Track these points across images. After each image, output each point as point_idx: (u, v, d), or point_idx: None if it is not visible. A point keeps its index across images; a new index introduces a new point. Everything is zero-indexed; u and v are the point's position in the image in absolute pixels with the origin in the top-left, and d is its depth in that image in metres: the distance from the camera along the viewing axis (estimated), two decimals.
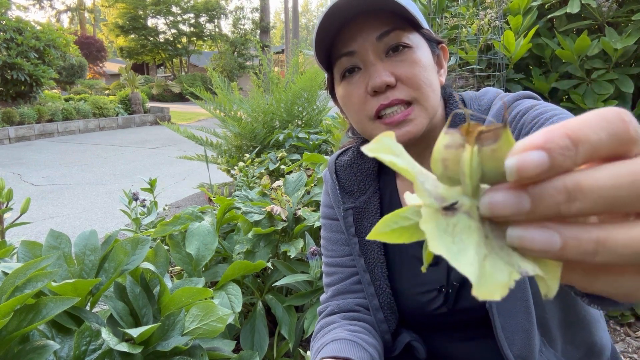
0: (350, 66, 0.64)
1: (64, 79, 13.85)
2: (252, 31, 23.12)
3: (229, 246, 1.46)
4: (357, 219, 0.74)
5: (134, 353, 0.70)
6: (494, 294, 0.18)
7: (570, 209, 0.18)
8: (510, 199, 0.19)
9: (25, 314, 0.68)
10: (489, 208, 0.19)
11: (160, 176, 2.37)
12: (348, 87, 0.65)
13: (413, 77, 0.61)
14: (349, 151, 0.81)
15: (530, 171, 0.18)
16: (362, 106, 0.64)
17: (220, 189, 2.93)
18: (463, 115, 0.67)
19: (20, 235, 2.99)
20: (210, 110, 3.40)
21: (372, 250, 0.73)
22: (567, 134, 0.18)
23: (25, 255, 0.88)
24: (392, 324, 0.72)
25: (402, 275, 0.73)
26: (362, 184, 0.76)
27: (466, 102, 0.71)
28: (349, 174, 0.77)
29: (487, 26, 1.88)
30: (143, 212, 1.94)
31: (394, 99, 0.61)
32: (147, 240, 0.90)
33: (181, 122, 9.83)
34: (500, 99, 0.68)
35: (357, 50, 0.62)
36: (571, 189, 0.18)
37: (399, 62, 0.62)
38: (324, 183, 0.84)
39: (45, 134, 8.51)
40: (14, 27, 8.01)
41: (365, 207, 0.74)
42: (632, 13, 1.60)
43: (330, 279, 0.79)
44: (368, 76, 0.63)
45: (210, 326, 0.82)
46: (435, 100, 0.64)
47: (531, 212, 0.19)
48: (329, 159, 0.83)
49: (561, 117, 0.57)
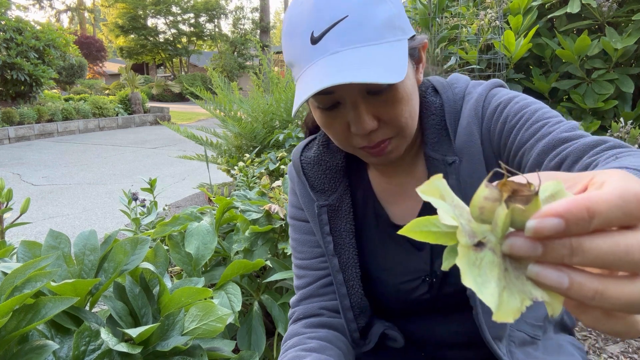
0: (330, 104, 0.59)
1: (64, 79, 13.85)
2: (252, 31, 23.12)
3: (229, 246, 1.46)
4: (331, 217, 0.72)
5: (133, 353, 0.70)
6: (509, 318, 0.23)
7: (572, 261, 0.23)
8: (527, 245, 0.23)
9: (25, 313, 0.68)
10: (510, 248, 0.24)
11: (160, 176, 2.37)
12: (327, 120, 0.61)
13: (395, 118, 0.58)
14: (313, 145, 0.76)
15: (546, 233, 0.22)
16: (345, 139, 0.62)
17: (220, 189, 2.93)
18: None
19: (20, 235, 2.99)
20: (210, 110, 3.40)
21: (346, 251, 0.72)
22: (587, 207, 0.22)
23: (25, 255, 0.88)
24: (362, 322, 0.72)
25: (383, 266, 0.73)
26: (332, 181, 0.73)
27: (439, 90, 0.69)
28: (317, 172, 0.74)
29: (487, 26, 1.88)
30: (143, 212, 1.94)
31: (378, 141, 0.60)
32: (147, 240, 0.90)
33: (181, 122, 9.83)
34: (473, 86, 0.68)
35: (338, 90, 0.56)
36: (575, 247, 0.22)
37: (381, 103, 0.57)
38: (290, 181, 0.80)
39: (45, 134, 8.51)
40: (14, 27, 8.00)
41: (338, 205, 0.72)
42: (632, 13, 1.60)
43: (299, 281, 0.78)
44: (349, 115, 0.58)
45: (210, 326, 0.81)
46: (414, 124, 0.63)
47: (542, 257, 0.23)
48: (293, 155, 0.78)
49: (544, 112, 0.58)
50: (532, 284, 0.24)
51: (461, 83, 0.70)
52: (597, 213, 0.22)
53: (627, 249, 0.22)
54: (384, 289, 0.72)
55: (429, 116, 0.68)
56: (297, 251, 0.79)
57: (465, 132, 0.65)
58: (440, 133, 0.67)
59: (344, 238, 0.72)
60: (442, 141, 0.66)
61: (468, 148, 0.64)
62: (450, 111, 0.67)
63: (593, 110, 1.66)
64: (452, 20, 2.05)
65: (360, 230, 0.74)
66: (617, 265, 0.22)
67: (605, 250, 0.22)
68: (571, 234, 0.22)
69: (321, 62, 0.53)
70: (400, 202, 0.73)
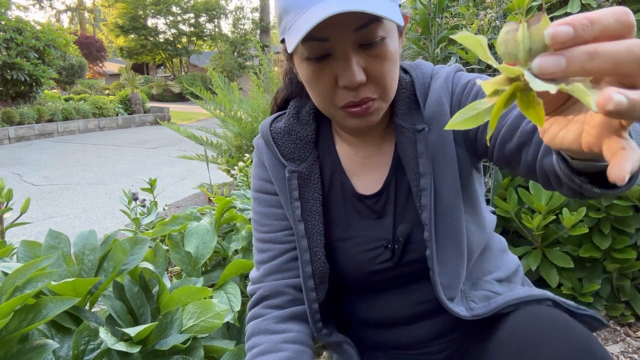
0: (321, 54, 0.60)
1: (64, 79, 13.85)
2: (252, 31, 23.12)
3: (228, 246, 1.47)
4: (301, 184, 0.74)
5: (132, 352, 0.70)
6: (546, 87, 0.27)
7: (592, 65, 0.26)
8: (552, 59, 0.27)
9: (26, 314, 0.68)
10: (539, 66, 0.28)
11: (160, 176, 2.37)
12: (315, 72, 0.62)
13: (382, 74, 0.61)
14: (282, 118, 0.79)
15: (560, 37, 0.27)
16: (330, 96, 0.63)
17: (220, 189, 2.93)
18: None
19: (20, 235, 3.00)
20: (210, 110, 3.40)
21: (312, 217, 0.73)
22: (586, 16, 0.27)
23: (25, 255, 0.88)
24: (321, 294, 0.73)
25: (346, 236, 0.75)
26: (302, 151, 0.75)
27: (408, 70, 0.74)
28: (287, 141, 0.76)
29: (487, 26, 1.88)
30: (143, 212, 1.94)
31: (364, 97, 0.62)
32: (146, 240, 0.90)
33: (181, 122, 9.83)
34: (440, 68, 0.74)
35: (332, 38, 0.58)
36: (591, 52, 0.26)
37: (372, 58, 0.60)
38: (256, 155, 0.81)
39: (45, 134, 8.51)
40: (14, 27, 8.01)
41: (307, 174, 0.74)
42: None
43: (262, 255, 0.77)
44: (339, 67, 0.60)
45: (208, 322, 0.82)
46: (394, 91, 0.66)
47: (566, 69, 0.27)
48: (262, 127, 0.80)
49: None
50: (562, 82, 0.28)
51: (426, 65, 0.76)
52: (596, 20, 0.27)
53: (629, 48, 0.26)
54: (347, 260, 0.74)
55: (400, 90, 0.72)
56: (261, 224, 0.79)
57: (435, 104, 0.70)
58: (410, 105, 0.72)
59: (311, 205, 0.74)
60: (412, 112, 0.72)
61: (438, 117, 0.70)
62: (420, 86, 0.72)
63: None
64: (452, 20, 2.05)
65: (327, 200, 0.76)
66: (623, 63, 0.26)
67: (618, 50, 0.26)
68: (580, 38, 0.27)
69: (322, 3, 0.55)
70: (366, 174, 0.76)
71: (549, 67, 0.27)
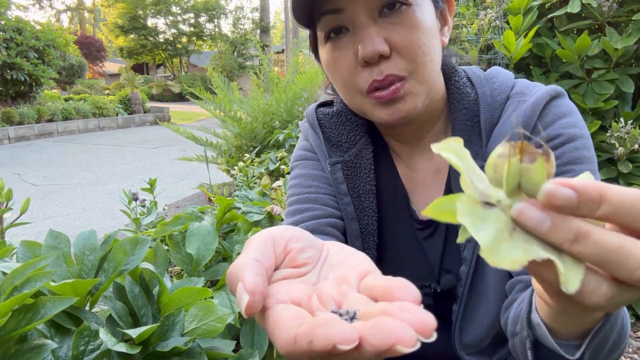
0: (336, 26, 0.53)
1: (64, 79, 13.84)
2: (252, 31, 23.12)
3: (229, 246, 1.46)
4: (348, 175, 0.64)
5: (132, 353, 0.70)
6: (504, 263, 0.22)
7: (572, 248, 0.23)
8: (536, 216, 0.23)
9: (24, 313, 0.68)
10: (518, 213, 0.24)
11: (160, 176, 2.37)
12: (334, 53, 0.55)
13: (410, 45, 0.51)
14: (333, 103, 0.70)
15: (558, 202, 0.22)
16: (352, 78, 0.55)
17: (220, 189, 2.93)
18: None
19: (20, 235, 2.99)
20: (210, 110, 3.39)
21: (365, 215, 0.63)
22: (601, 191, 0.22)
23: (25, 255, 0.87)
24: None
25: (397, 255, 0.66)
26: (352, 134, 0.65)
27: (474, 83, 0.61)
28: (335, 123, 0.66)
29: (487, 26, 1.88)
30: (143, 212, 1.94)
31: (388, 74, 0.52)
32: (147, 240, 0.90)
33: (181, 122, 9.82)
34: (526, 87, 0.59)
35: (345, 7, 0.52)
36: (580, 234, 0.22)
37: (394, 25, 0.51)
38: (304, 135, 0.72)
39: (45, 134, 8.50)
40: (14, 27, 8.00)
41: (355, 162, 0.64)
42: (632, 13, 1.59)
43: (301, 216, 0.63)
44: (358, 41, 0.52)
45: (210, 326, 0.81)
46: (433, 71, 0.55)
47: (546, 234, 0.23)
48: (308, 111, 0.71)
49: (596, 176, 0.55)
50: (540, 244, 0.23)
51: (502, 78, 0.60)
52: (609, 200, 0.22)
53: (630, 254, 0.22)
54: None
55: (460, 110, 0.59)
56: (304, 186, 0.66)
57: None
58: (471, 131, 0.58)
59: (363, 201, 0.63)
60: (472, 141, 0.58)
61: None
62: (486, 109, 0.58)
63: (593, 110, 1.66)
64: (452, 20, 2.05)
65: (379, 195, 0.65)
66: (612, 267, 0.22)
67: (608, 247, 0.22)
68: (579, 212, 0.22)
69: None
70: (415, 191, 0.66)
71: (529, 222, 0.23)
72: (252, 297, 0.24)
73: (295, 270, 0.30)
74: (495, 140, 0.57)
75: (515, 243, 0.23)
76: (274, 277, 0.29)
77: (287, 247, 0.31)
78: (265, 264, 0.27)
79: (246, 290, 0.24)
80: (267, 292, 0.26)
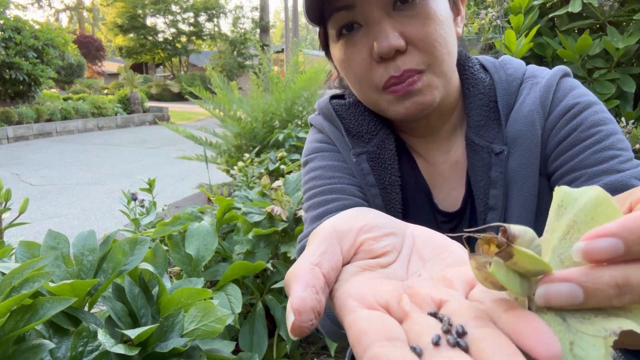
0: (349, 22, 0.53)
1: (63, 79, 13.83)
2: (252, 30, 23.10)
3: (229, 246, 1.46)
4: (373, 167, 0.62)
5: (131, 355, 0.69)
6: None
7: (623, 302, 0.18)
8: (565, 290, 0.19)
9: (22, 314, 0.67)
10: (545, 300, 0.19)
11: (159, 176, 2.36)
12: (347, 50, 0.54)
13: (427, 38, 0.51)
14: (345, 95, 0.68)
15: (600, 255, 0.18)
16: (367, 75, 0.54)
17: (220, 189, 2.92)
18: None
19: (19, 236, 2.98)
20: (209, 110, 3.39)
21: (393, 208, 0.61)
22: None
23: (24, 255, 0.87)
24: None
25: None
26: (372, 124, 0.63)
27: (489, 69, 0.61)
28: (354, 113, 0.64)
29: (488, 25, 1.87)
30: (142, 212, 1.93)
31: (405, 69, 0.51)
32: (146, 241, 0.89)
33: (180, 122, 9.81)
34: (537, 70, 0.59)
35: (358, 3, 0.51)
36: (621, 284, 0.18)
37: (409, 19, 0.51)
38: (315, 129, 0.69)
39: (44, 134, 8.49)
40: (13, 26, 7.98)
41: (379, 152, 0.62)
42: (633, 12, 1.59)
43: (326, 207, 0.60)
44: (372, 37, 0.52)
45: (209, 327, 0.81)
46: (450, 63, 0.54)
47: (584, 302, 0.19)
48: (319, 102, 0.69)
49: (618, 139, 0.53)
50: (602, 316, 0.19)
51: (515, 64, 0.61)
52: None
53: None
54: None
55: (475, 95, 0.59)
56: (325, 177, 0.63)
57: (524, 121, 0.56)
58: (488, 116, 0.58)
59: (390, 192, 0.61)
60: (490, 126, 0.58)
61: (524, 139, 0.55)
62: (503, 93, 0.58)
63: None
64: None
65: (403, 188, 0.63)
66: None
67: None
68: (630, 257, 0.18)
69: None
70: (436, 185, 0.64)
71: (562, 299, 0.19)
72: (299, 317, 0.21)
73: (375, 260, 0.26)
74: (513, 122, 0.57)
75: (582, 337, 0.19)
76: (352, 270, 0.25)
77: (356, 240, 0.26)
78: (324, 267, 0.24)
79: (292, 309, 0.21)
80: (322, 305, 0.22)
